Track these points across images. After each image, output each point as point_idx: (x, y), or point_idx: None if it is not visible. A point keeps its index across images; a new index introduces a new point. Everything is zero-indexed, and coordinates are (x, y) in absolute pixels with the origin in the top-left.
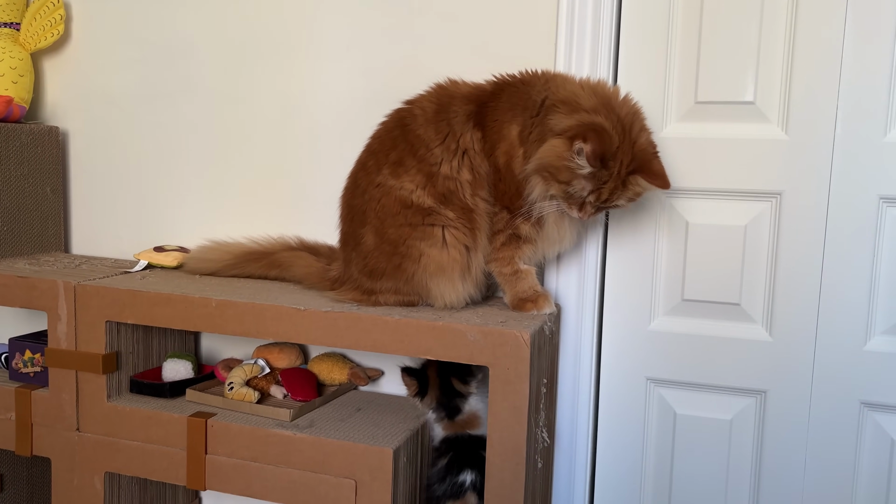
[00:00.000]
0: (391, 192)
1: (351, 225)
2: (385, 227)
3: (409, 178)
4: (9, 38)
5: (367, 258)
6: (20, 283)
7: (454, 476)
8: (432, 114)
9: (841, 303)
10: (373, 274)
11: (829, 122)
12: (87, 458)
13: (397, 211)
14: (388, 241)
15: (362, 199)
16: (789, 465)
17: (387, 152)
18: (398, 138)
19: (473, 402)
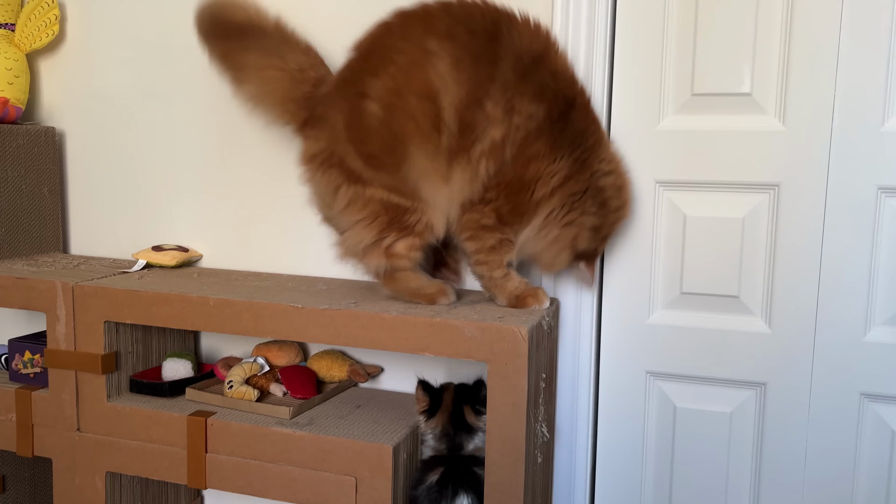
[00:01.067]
0: (428, 71)
1: (362, 62)
2: (396, 108)
3: (456, 77)
4: (4, 39)
5: (367, 135)
6: (19, 285)
7: (450, 500)
8: (514, 57)
9: (840, 294)
10: (368, 160)
11: (826, 113)
12: (88, 458)
13: (420, 93)
14: (391, 128)
15: (395, 42)
16: (790, 457)
17: (463, 33)
18: (478, 34)
19: (479, 440)
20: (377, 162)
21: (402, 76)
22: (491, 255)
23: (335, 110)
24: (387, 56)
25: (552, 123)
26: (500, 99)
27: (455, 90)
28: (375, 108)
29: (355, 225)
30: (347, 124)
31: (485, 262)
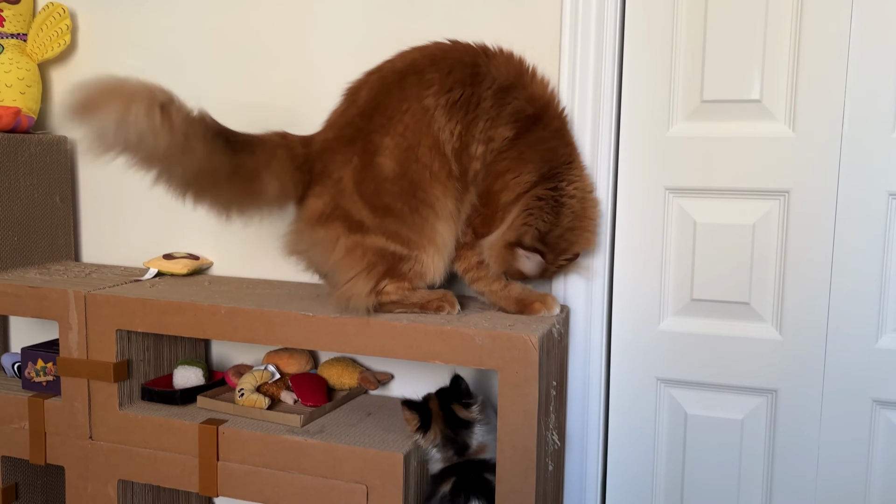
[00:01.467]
0: (433, 126)
1: (367, 122)
2: (410, 160)
3: (451, 128)
4: (16, 48)
5: (381, 187)
6: (31, 294)
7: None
8: (493, 93)
9: (851, 300)
10: (377, 209)
11: (836, 119)
12: (101, 466)
13: (430, 148)
14: (410, 178)
15: (397, 103)
16: (802, 464)
17: (451, 84)
18: (464, 82)
19: (480, 432)
20: (388, 211)
21: (411, 134)
22: (480, 271)
23: (340, 165)
24: (393, 117)
25: (520, 140)
26: (482, 137)
27: (452, 139)
28: (391, 164)
29: (354, 277)
30: (357, 179)
31: (478, 279)
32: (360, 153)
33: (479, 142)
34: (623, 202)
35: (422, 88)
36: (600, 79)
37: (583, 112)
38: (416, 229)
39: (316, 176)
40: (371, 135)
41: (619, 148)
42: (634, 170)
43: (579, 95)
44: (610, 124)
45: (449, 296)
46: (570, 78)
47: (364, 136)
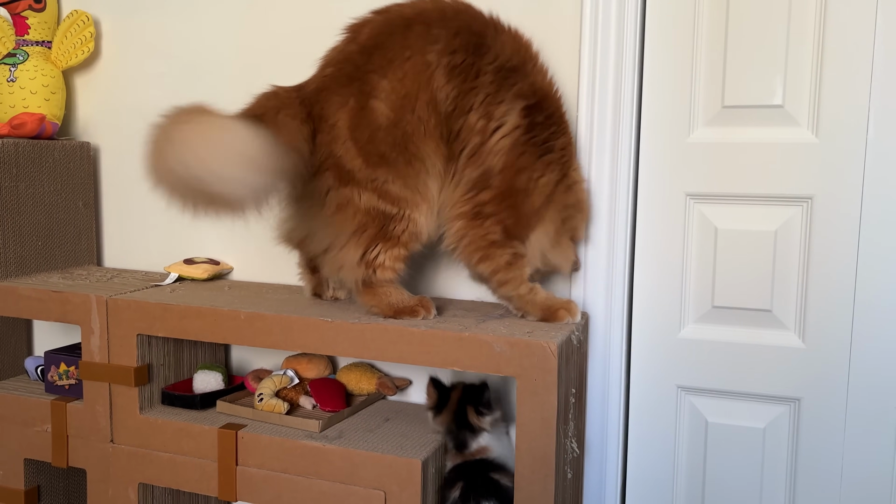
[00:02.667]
0: (432, 83)
1: (366, 60)
2: (406, 109)
3: (448, 91)
4: (41, 56)
5: (375, 135)
6: (54, 298)
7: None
8: (494, 69)
9: (876, 308)
10: (370, 158)
11: (860, 124)
12: (122, 470)
13: (427, 103)
14: (404, 130)
15: (399, 48)
16: (825, 475)
17: (456, 47)
18: (468, 49)
19: (484, 439)
20: (381, 160)
21: (410, 82)
22: (510, 272)
23: (336, 108)
24: (393, 60)
25: (534, 133)
26: (482, 110)
27: (446, 102)
28: (385, 109)
29: (346, 243)
30: (352, 124)
31: (507, 282)
32: (357, 94)
33: (479, 115)
34: (643, 208)
35: (427, 42)
36: (620, 84)
37: (602, 117)
38: (410, 184)
39: (314, 121)
40: (369, 74)
41: (639, 154)
42: (655, 176)
43: (599, 101)
44: (630, 130)
45: (426, 301)
46: (590, 83)
47: (362, 76)
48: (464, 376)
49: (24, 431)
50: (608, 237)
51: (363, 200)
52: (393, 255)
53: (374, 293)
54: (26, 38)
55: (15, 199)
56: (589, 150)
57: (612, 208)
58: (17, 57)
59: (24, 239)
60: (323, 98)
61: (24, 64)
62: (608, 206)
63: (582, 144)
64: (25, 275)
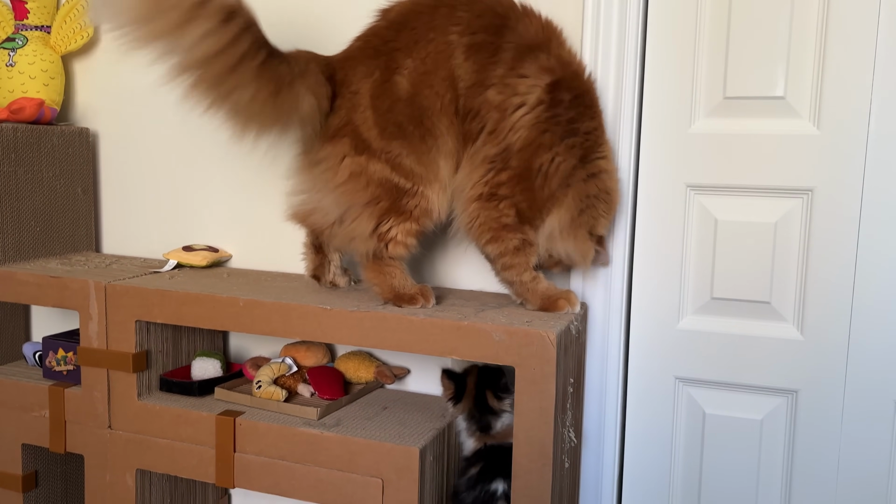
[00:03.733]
0: (451, 60)
1: (394, 36)
2: (425, 85)
3: (467, 67)
4: (40, 41)
5: (394, 106)
6: (53, 283)
7: (486, 484)
8: (515, 45)
9: (875, 301)
10: (386, 129)
11: (862, 117)
12: (119, 455)
13: (445, 79)
14: (421, 104)
15: (424, 29)
16: (822, 467)
17: (477, 28)
18: (489, 30)
19: (507, 419)
20: (397, 132)
21: (431, 61)
22: (516, 258)
23: (360, 77)
24: (419, 41)
25: (558, 113)
26: (500, 83)
27: (466, 79)
28: (406, 84)
29: (359, 215)
30: (374, 93)
31: (511, 266)
32: (383, 68)
33: (498, 90)
34: (644, 199)
35: (450, 23)
36: (622, 74)
37: (604, 107)
38: (422, 160)
39: (336, 85)
40: (395, 52)
41: (640, 144)
42: (655, 166)
43: (600, 90)
44: (631, 120)
45: (426, 290)
46: (592, 72)
47: (388, 52)
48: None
49: (21, 417)
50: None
51: (377, 171)
52: (405, 229)
53: (380, 270)
54: (25, 22)
55: (13, 185)
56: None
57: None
58: (16, 41)
59: (22, 224)
60: (349, 66)
61: (23, 49)
62: None
63: None
64: (24, 260)
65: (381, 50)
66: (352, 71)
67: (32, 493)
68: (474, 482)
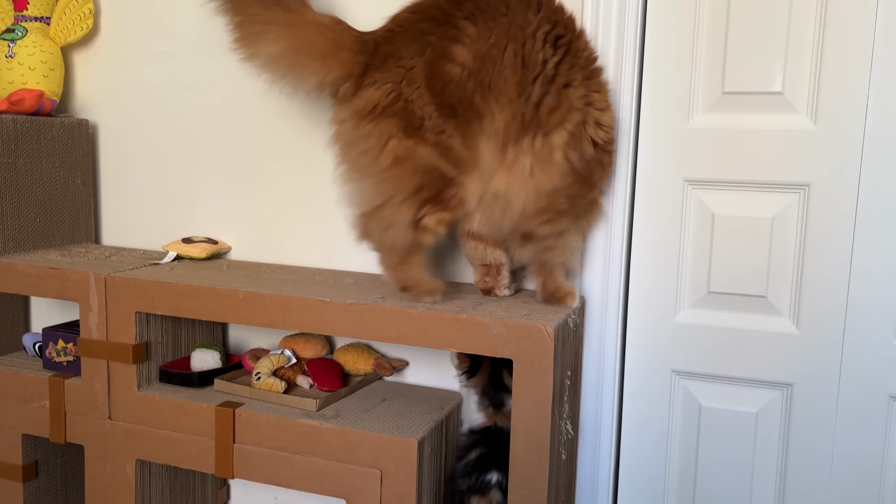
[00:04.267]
0: (528, 42)
1: (454, 6)
2: (487, 60)
3: (555, 58)
4: (40, 32)
5: (449, 84)
6: (53, 275)
7: (482, 473)
8: (584, 53)
9: (870, 296)
10: (443, 107)
11: (859, 113)
12: (119, 446)
13: (515, 55)
14: (479, 80)
15: (497, 4)
16: (816, 459)
17: (557, 18)
18: (571, 23)
19: None
20: (452, 111)
21: (502, 33)
22: (559, 241)
23: (412, 50)
24: (486, 10)
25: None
26: (581, 88)
27: (544, 65)
28: (466, 56)
29: (402, 202)
30: (430, 71)
31: (552, 248)
32: (440, 38)
33: (580, 94)
34: (641, 193)
35: (528, 7)
36: (621, 68)
37: None
38: (469, 143)
39: (379, 59)
40: (457, 20)
41: (638, 139)
42: (653, 161)
43: None
44: (630, 114)
45: (440, 284)
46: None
47: (449, 21)
48: None
49: (22, 407)
50: (606, 221)
51: (425, 156)
52: (439, 218)
53: (404, 259)
54: (25, 13)
55: (13, 176)
56: None
57: (611, 192)
58: (16, 32)
59: (22, 216)
60: (399, 39)
61: (22, 40)
62: (606, 190)
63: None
64: (24, 252)
65: (440, 19)
66: (403, 45)
67: (33, 482)
68: (471, 469)
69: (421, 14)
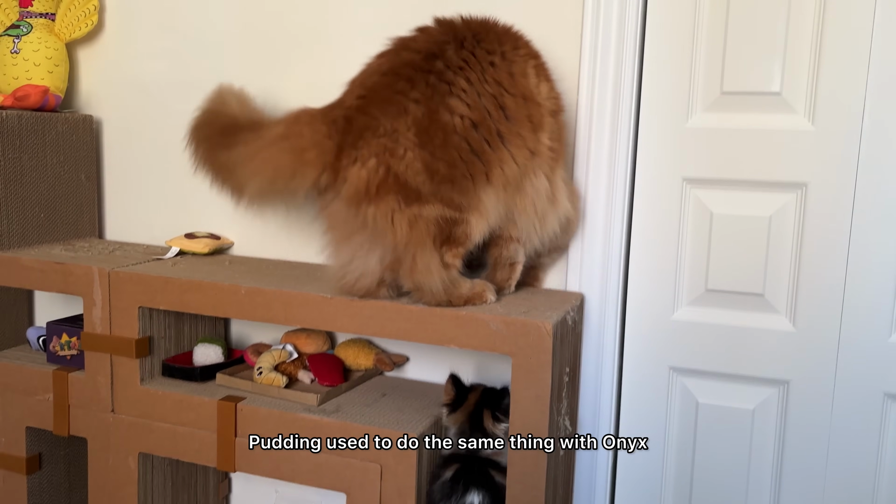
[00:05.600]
0: (529, 81)
1: (430, 63)
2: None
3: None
4: (45, 28)
5: (449, 139)
6: (57, 269)
7: (460, 496)
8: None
9: (866, 294)
10: (437, 171)
11: (856, 113)
12: (122, 439)
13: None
14: (486, 126)
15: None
16: (812, 456)
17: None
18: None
19: (496, 444)
20: (448, 169)
21: (505, 78)
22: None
23: (390, 114)
24: (474, 59)
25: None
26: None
27: (546, 98)
28: (463, 108)
29: (426, 254)
30: (421, 128)
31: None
32: (428, 97)
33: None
34: (640, 192)
35: (510, 43)
36: (621, 68)
37: (602, 101)
38: (467, 192)
39: (353, 135)
40: (443, 73)
41: (637, 138)
42: (652, 160)
43: (599, 85)
44: (629, 114)
45: (489, 285)
46: (591, 67)
47: (429, 77)
48: (487, 380)
49: (26, 400)
50: (605, 219)
51: (432, 211)
52: (453, 254)
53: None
54: (30, 9)
55: (18, 171)
56: (588, 133)
57: (610, 191)
58: (21, 29)
59: (26, 211)
60: (374, 106)
61: (27, 36)
62: (605, 189)
63: (581, 127)
64: (28, 246)
65: (418, 79)
66: (380, 111)
67: (36, 475)
68: (448, 490)
69: (395, 76)
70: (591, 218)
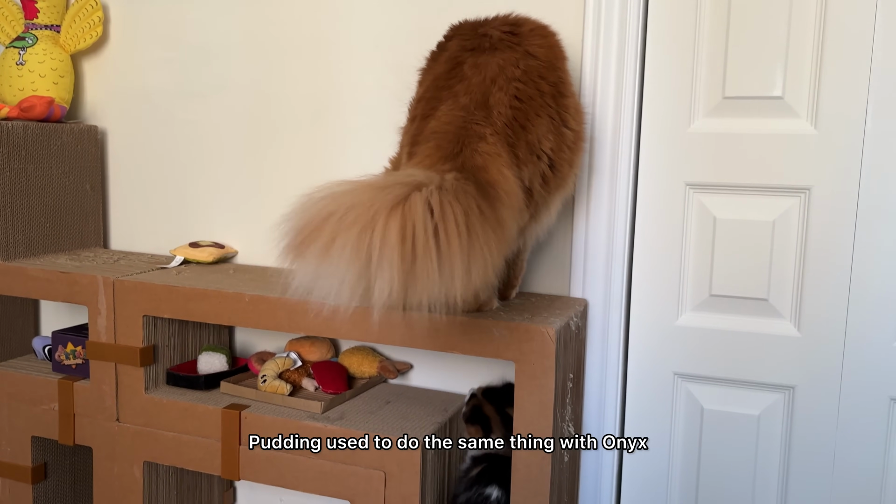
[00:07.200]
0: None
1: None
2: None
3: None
4: (50, 39)
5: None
6: (62, 279)
7: (481, 487)
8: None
9: (871, 299)
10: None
11: (859, 117)
12: (127, 448)
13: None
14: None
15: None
16: (818, 462)
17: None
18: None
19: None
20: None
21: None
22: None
23: (545, 129)
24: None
25: None
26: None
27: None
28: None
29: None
30: (555, 145)
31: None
32: (558, 109)
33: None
34: (643, 197)
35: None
36: (622, 73)
37: (604, 106)
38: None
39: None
40: (562, 86)
41: (640, 143)
42: (655, 165)
43: (601, 90)
44: (631, 119)
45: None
46: (593, 72)
47: (562, 94)
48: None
49: (31, 409)
50: (608, 225)
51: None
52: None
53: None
54: (35, 21)
55: (24, 182)
56: (591, 137)
57: (613, 196)
58: (26, 40)
59: (32, 221)
60: (529, 125)
61: (32, 47)
62: (609, 194)
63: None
64: (33, 256)
65: (553, 92)
66: (534, 128)
67: (42, 484)
68: (471, 483)
69: (534, 89)
70: (594, 223)
